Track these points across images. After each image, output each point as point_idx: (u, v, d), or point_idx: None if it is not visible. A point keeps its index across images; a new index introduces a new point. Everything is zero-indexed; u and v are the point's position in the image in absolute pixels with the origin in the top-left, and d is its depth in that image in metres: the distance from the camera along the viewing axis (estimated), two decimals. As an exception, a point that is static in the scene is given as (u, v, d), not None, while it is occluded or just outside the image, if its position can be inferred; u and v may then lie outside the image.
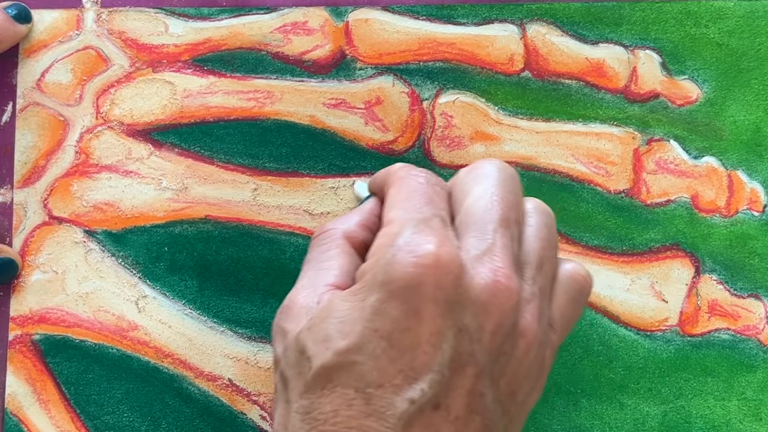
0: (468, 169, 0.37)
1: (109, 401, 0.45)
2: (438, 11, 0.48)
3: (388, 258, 0.33)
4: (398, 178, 0.37)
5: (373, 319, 0.32)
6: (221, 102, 0.47)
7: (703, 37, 0.48)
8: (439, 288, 0.32)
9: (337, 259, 0.37)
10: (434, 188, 0.36)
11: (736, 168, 0.47)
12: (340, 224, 0.38)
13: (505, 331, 0.33)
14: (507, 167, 0.37)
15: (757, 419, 0.45)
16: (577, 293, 0.37)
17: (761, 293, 0.46)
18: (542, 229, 0.36)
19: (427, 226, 0.33)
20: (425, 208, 0.35)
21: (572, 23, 0.48)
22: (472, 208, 0.35)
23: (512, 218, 0.35)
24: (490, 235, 0.34)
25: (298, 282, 0.37)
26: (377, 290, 0.32)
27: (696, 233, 0.47)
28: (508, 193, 0.35)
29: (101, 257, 0.46)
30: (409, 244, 0.32)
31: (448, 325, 0.32)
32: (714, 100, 0.48)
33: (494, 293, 0.32)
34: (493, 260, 0.33)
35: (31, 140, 0.47)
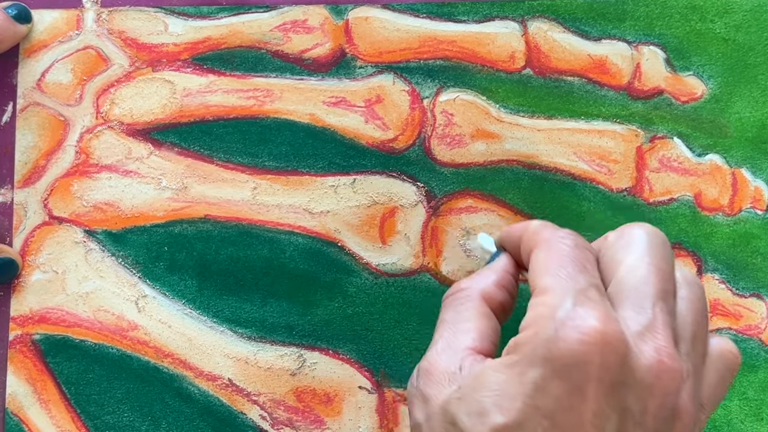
0: (618, 233, 0.36)
1: (109, 401, 0.46)
2: (438, 9, 0.48)
3: (551, 332, 0.31)
4: (543, 240, 0.36)
5: (534, 395, 0.31)
6: (221, 101, 0.47)
7: (709, 32, 0.48)
8: (605, 367, 0.31)
9: (474, 321, 0.36)
10: (585, 253, 0.35)
11: (740, 166, 0.47)
12: (475, 283, 0.38)
13: (666, 414, 0.32)
14: (658, 233, 0.36)
15: (759, 419, 0.45)
16: (727, 372, 0.36)
17: (763, 293, 0.46)
18: (695, 302, 0.35)
19: (587, 298, 0.32)
20: (580, 277, 0.33)
21: (574, 19, 0.48)
22: (627, 278, 0.34)
23: (669, 291, 0.34)
24: (649, 310, 0.33)
25: (436, 343, 0.36)
26: (539, 365, 0.31)
27: (698, 232, 0.47)
28: (663, 262, 0.34)
29: (101, 257, 0.46)
30: (572, 318, 0.31)
31: (612, 406, 0.31)
32: (719, 96, 0.48)
33: (659, 374, 0.32)
34: (655, 338, 0.32)
35: (31, 140, 0.47)
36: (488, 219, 0.46)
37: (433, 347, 0.36)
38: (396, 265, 0.46)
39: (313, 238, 0.46)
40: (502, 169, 0.47)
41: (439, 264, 0.46)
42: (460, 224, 0.46)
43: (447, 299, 0.38)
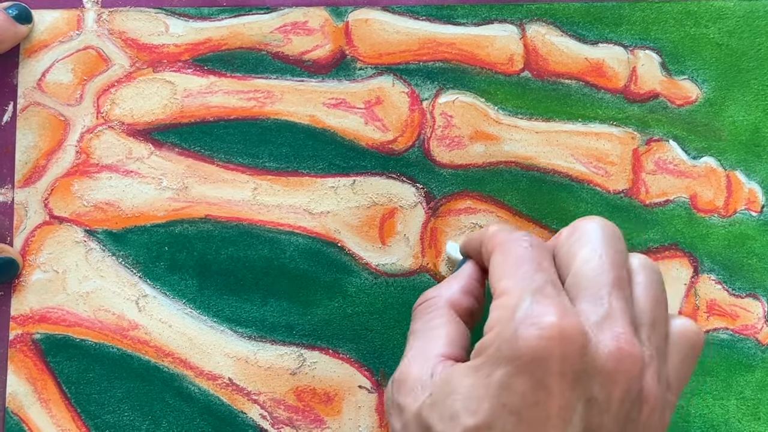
0: (570, 229, 0.37)
1: (109, 400, 0.46)
2: (438, 11, 0.48)
3: (511, 332, 0.32)
4: (499, 243, 0.37)
5: (500, 394, 0.32)
6: (221, 102, 0.48)
7: (703, 37, 0.49)
8: (566, 360, 0.31)
9: (443, 327, 0.37)
10: (540, 251, 0.36)
11: (734, 168, 0.48)
12: (443, 291, 0.39)
13: (631, 398, 0.33)
14: (609, 224, 0.37)
15: (756, 418, 0.46)
16: (691, 350, 0.36)
17: (759, 293, 0.47)
18: (651, 286, 0.36)
19: (543, 295, 0.33)
20: (537, 275, 0.34)
21: (572, 23, 0.49)
22: (582, 271, 0.35)
23: (624, 278, 0.35)
24: (605, 299, 0.34)
25: (407, 353, 0.37)
26: (503, 365, 0.32)
27: (694, 233, 0.47)
28: (616, 252, 0.35)
29: (102, 257, 0.47)
30: (530, 316, 0.32)
31: (576, 397, 0.32)
32: (713, 100, 0.48)
33: (619, 360, 0.32)
34: (613, 326, 0.33)
35: (31, 140, 0.47)
36: (487, 220, 0.47)
37: (405, 357, 0.37)
38: (395, 266, 0.46)
39: (313, 239, 0.47)
40: (501, 170, 0.47)
41: (438, 264, 0.47)
42: (459, 225, 0.47)
43: (416, 309, 0.39)
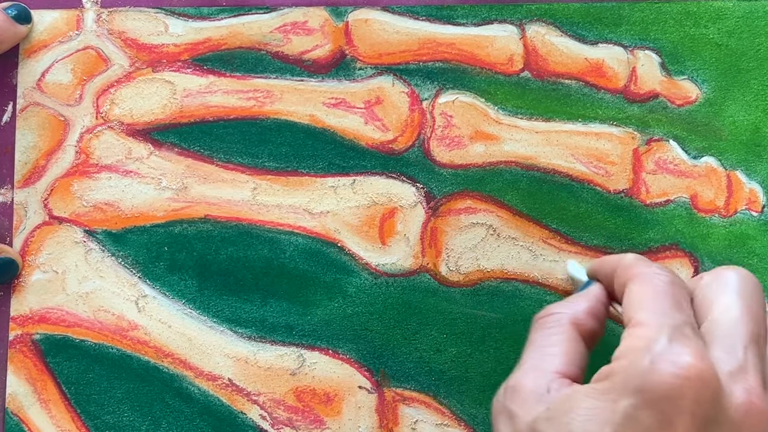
0: (713, 275, 0.37)
1: (109, 401, 0.46)
2: (437, 11, 0.49)
3: (646, 364, 0.32)
4: (639, 274, 0.37)
5: (624, 423, 0.32)
6: (221, 101, 0.48)
7: (703, 38, 0.49)
8: (699, 402, 0.32)
9: (562, 345, 0.37)
10: (680, 290, 0.36)
11: (735, 168, 0.48)
12: (567, 309, 0.39)
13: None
14: (752, 277, 0.37)
15: (756, 419, 0.46)
16: None
17: (760, 293, 0.47)
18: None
19: (682, 335, 0.33)
20: (676, 314, 0.35)
21: (571, 23, 0.49)
22: (721, 320, 0.35)
23: (762, 335, 0.35)
24: (740, 352, 0.34)
25: (523, 364, 0.37)
26: (631, 395, 0.32)
27: (695, 233, 0.47)
28: (756, 306, 0.35)
29: (101, 257, 0.47)
30: (667, 353, 0.32)
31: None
32: (713, 100, 0.49)
33: (749, 413, 0.32)
34: (746, 379, 0.33)
35: (31, 140, 0.47)
36: (487, 220, 0.47)
37: (521, 367, 0.37)
38: (395, 266, 0.47)
39: (313, 239, 0.47)
40: (501, 170, 0.48)
41: (438, 264, 0.47)
42: (459, 225, 0.47)
43: (537, 321, 0.39)
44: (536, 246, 0.47)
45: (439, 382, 0.46)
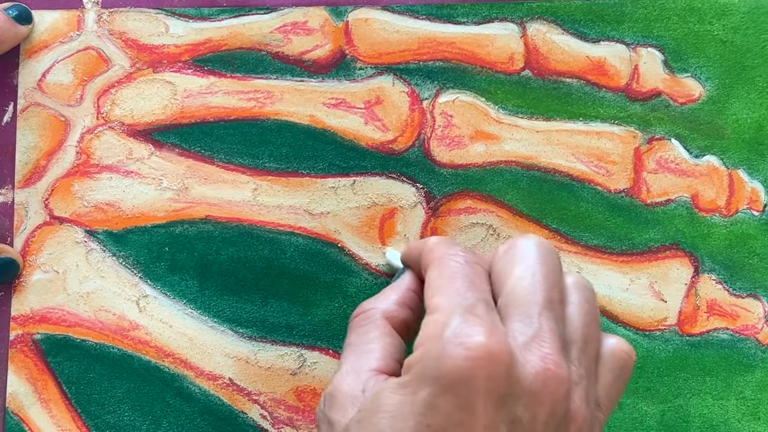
0: (506, 246, 0.37)
1: (110, 401, 0.46)
2: (438, 10, 0.49)
3: (438, 351, 0.32)
4: (436, 259, 0.37)
5: (425, 413, 0.32)
6: (221, 102, 0.48)
7: (707, 34, 0.49)
8: (491, 380, 0.32)
9: (377, 341, 0.37)
10: (474, 268, 0.36)
11: (737, 167, 0.48)
12: (378, 304, 0.39)
13: (557, 419, 0.33)
14: (546, 243, 0.37)
15: (756, 418, 0.46)
16: (621, 370, 0.37)
17: (760, 293, 0.47)
18: (584, 305, 0.36)
19: (473, 314, 0.33)
20: (469, 293, 0.34)
21: (573, 21, 0.49)
22: (515, 290, 0.35)
23: (556, 299, 0.35)
24: (535, 319, 0.34)
25: (341, 367, 0.37)
26: (428, 384, 0.32)
27: (696, 233, 0.47)
28: (550, 271, 0.35)
29: (102, 257, 0.47)
30: (458, 335, 0.32)
31: (501, 418, 0.32)
32: (717, 98, 0.48)
33: (545, 381, 0.32)
34: (541, 346, 0.33)
35: (32, 140, 0.48)
36: (487, 219, 0.47)
37: (339, 371, 0.37)
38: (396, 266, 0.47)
39: (314, 239, 0.47)
40: (501, 170, 0.48)
41: (439, 264, 0.47)
42: (459, 225, 0.47)
43: (352, 321, 0.39)
44: (536, 246, 0.47)
45: (439, 382, 0.46)
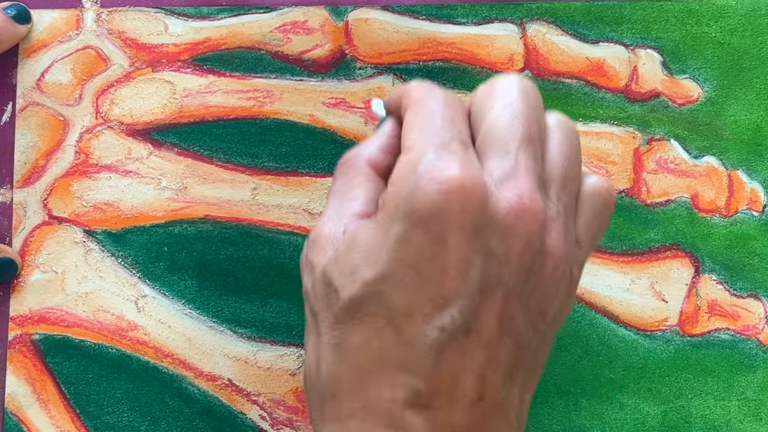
0: (486, 85, 0.36)
1: (108, 401, 0.46)
2: (438, 11, 0.49)
3: (411, 186, 0.32)
4: (414, 99, 0.36)
5: (397, 248, 0.32)
6: (221, 101, 0.48)
7: (705, 36, 0.49)
8: (464, 213, 0.32)
9: (361, 187, 0.36)
10: (453, 108, 0.36)
11: (736, 168, 0.48)
12: (362, 151, 0.38)
13: (532, 252, 0.33)
14: (526, 81, 0.36)
15: (757, 419, 0.46)
16: (602, 207, 0.37)
17: (761, 293, 0.47)
18: (565, 142, 0.36)
19: (447, 151, 0.33)
20: (444, 131, 0.34)
21: (572, 22, 0.49)
22: (493, 126, 0.35)
23: (535, 135, 0.35)
24: (512, 155, 0.34)
25: (324, 214, 0.37)
26: (401, 219, 0.32)
27: (696, 233, 0.48)
28: (529, 108, 0.35)
29: (101, 257, 0.47)
30: (431, 170, 0.32)
31: (474, 250, 0.32)
32: (715, 99, 0.49)
33: (519, 215, 0.32)
34: (517, 181, 0.33)
35: (30, 140, 0.48)
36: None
37: (322, 218, 0.37)
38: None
39: (313, 239, 0.47)
40: (501, 170, 0.48)
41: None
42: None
43: (336, 170, 0.39)
44: (537, 246, 0.47)
45: (439, 382, 0.46)
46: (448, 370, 0.32)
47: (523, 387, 0.35)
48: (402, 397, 0.32)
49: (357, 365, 0.33)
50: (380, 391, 0.33)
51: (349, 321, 0.33)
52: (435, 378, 0.32)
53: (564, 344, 0.47)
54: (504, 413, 0.34)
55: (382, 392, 0.33)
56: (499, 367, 0.33)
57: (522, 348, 0.34)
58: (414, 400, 0.32)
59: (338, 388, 0.34)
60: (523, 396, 0.35)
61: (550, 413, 0.46)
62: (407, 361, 0.32)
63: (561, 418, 0.46)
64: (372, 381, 0.33)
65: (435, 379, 0.32)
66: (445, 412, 0.32)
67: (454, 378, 0.32)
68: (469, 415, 0.33)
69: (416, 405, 0.32)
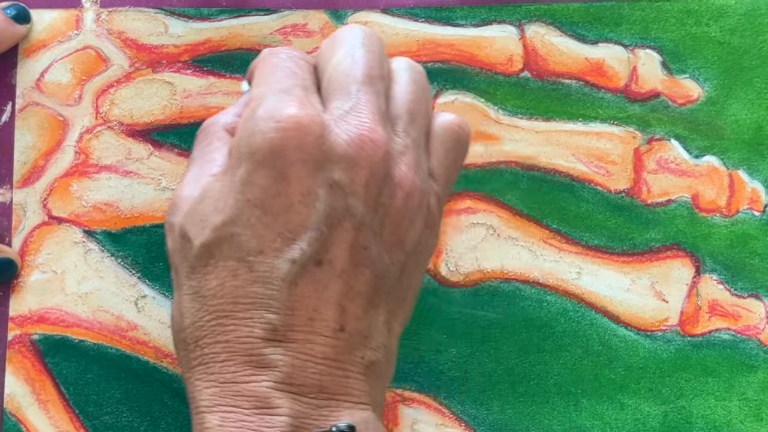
0: (329, 38, 0.39)
1: (108, 401, 0.46)
2: (437, 13, 0.49)
3: (251, 129, 0.34)
4: (261, 60, 0.38)
5: (243, 190, 0.34)
6: (221, 102, 0.48)
7: (704, 36, 0.49)
8: (303, 149, 0.33)
9: (219, 151, 0.37)
10: (296, 61, 0.37)
11: (737, 167, 0.48)
12: (219, 118, 0.39)
13: (378, 182, 0.34)
14: (366, 29, 0.38)
15: (758, 419, 0.46)
16: (454, 142, 0.39)
17: (761, 293, 0.47)
18: (411, 84, 0.38)
19: (287, 94, 0.35)
20: (286, 79, 0.36)
21: (571, 23, 0.49)
22: (335, 71, 0.37)
23: (375, 75, 0.37)
24: (353, 95, 0.35)
25: (184, 179, 0.38)
26: (244, 162, 0.34)
27: (696, 233, 0.48)
28: (369, 52, 0.37)
29: (100, 257, 0.47)
30: (269, 110, 0.34)
31: (317, 184, 0.33)
32: (715, 98, 0.49)
33: (360, 146, 0.34)
34: (358, 116, 0.35)
35: (30, 140, 0.48)
36: (487, 220, 0.47)
37: (182, 181, 0.38)
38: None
39: (313, 239, 0.47)
40: (501, 170, 0.48)
41: (438, 265, 0.47)
42: (459, 225, 0.47)
43: (196, 138, 0.40)
44: (536, 246, 0.47)
45: (439, 382, 0.46)
46: (303, 302, 0.34)
47: (389, 315, 0.36)
48: (259, 332, 0.33)
49: (215, 309, 0.34)
50: (238, 330, 0.34)
51: (204, 268, 0.35)
52: (291, 311, 0.33)
53: (564, 344, 0.47)
54: (369, 342, 0.35)
55: (240, 331, 0.34)
56: (358, 296, 0.34)
57: (380, 277, 0.35)
58: (271, 335, 0.33)
59: (200, 335, 0.35)
60: (390, 325, 0.36)
61: (551, 413, 0.46)
62: (262, 297, 0.33)
63: (561, 418, 0.46)
64: (230, 322, 0.34)
65: (291, 311, 0.33)
66: (305, 343, 0.34)
67: (312, 309, 0.34)
68: (331, 345, 0.34)
69: (274, 339, 0.33)
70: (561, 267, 0.47)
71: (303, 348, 0.34)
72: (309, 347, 0.34)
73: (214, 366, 0.34)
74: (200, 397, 0.34)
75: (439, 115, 0.39)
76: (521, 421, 0.46)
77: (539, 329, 0.47)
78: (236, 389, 0.33)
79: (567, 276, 0.47)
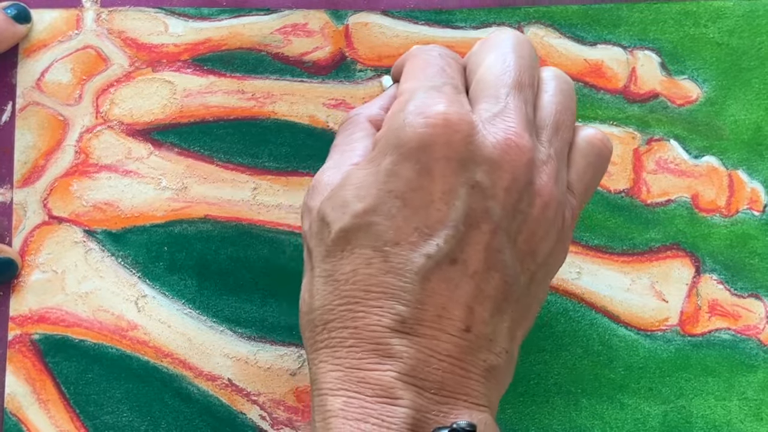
0: (482, 41, 0.39)
1: (108, 401, 0.46)
2: (436, 16, 0.49)
3: (400, 122, 0.35)
4: (412, 56, 0.39)
5: (387, 181, 0.34)
6: (221, 102, 0.48)
7: (703, 37, 0.50)
8: (450, 146, 0.34)
9: (361, 141, 0.38)
10: (447, 60, 0.38)
11: (736, 167, 0.49)
12: (364, 109, 0.40)
13: (519, 188, 0.34)
14: (520, 34, 0.39)
15: (758, 419, 0.46)
16: (596, 157, 0.39)
17: (761, 293, 0.48)
18: (558, 94, 0.38)
19: (437, 91, 0.35)
20: (437, 77, 0.37)
21: (570, 25, 0.50)
22: (485, 75, 0.37)
23: (525, 82, 0.37)
24: (502, 99, 0.36)
25: (325, 165, 0.39)
26: (390, 153, 0.34)
27: (696, 233, 0.48)
28: (521, 58, 0.37)
29: (101, 257, 0.47)
30: (419, 106, 0.34)
31: (460, 182, 0.34)
32: (714, 99, 0.49)
33: (506, 150, 0.34)
34: (505, 121, 0.35)
35: (30, 140, 0.48)
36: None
37: (323, 167, 0.39)
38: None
39: (313, 239, 0.47)
40: (501, 170, 0.48)
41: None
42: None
43: (340, 127, 0.41)
44: (537, 245, 0.47)
45: (440, 381, 0.46)
46: (434, 299, 0.34)
47: (513, 323, 0.36)
48: (388, 322, 0.34)
49: (347, 294, 0.35)
50: (368, 318, 0.34)
51: (340, 253, 0.35)
52: (421, 305, 0.34)
53: (564, 344, 0.47)
54: (492, 347, 0.35)
55: (369, 319, 0.34)
56: (487, 299, 0.34)
57: (510, 283, 0.35)
58: (399, 326, 0.34)
59: (329, 318, 0.35)
60: (513, 332, 0.36)
61: (551, 413, 0.46)
62: (394, 288, 0.34)
63: (561, 418, 0.46)
64: (360, 308, 0.34)
65: (421, 306, 0.34)
66: (431, 339, 0.34)
67: (441, 307, 0.34)
68: (456, 345, 0.34)
69: (401, 331, 0.34)
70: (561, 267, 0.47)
71: (429, 343, 0.34)
72: (435, 343, 0.34)
73: (340, 350, 0.34)
74: (324, 380, 0.35)
75: (582, 128, 0.39)
76: (521, 421, 0.46)
77: (539, 329, 0.47)
78: (361, 375, 0.34)
79: (567, 276, 0.47)
